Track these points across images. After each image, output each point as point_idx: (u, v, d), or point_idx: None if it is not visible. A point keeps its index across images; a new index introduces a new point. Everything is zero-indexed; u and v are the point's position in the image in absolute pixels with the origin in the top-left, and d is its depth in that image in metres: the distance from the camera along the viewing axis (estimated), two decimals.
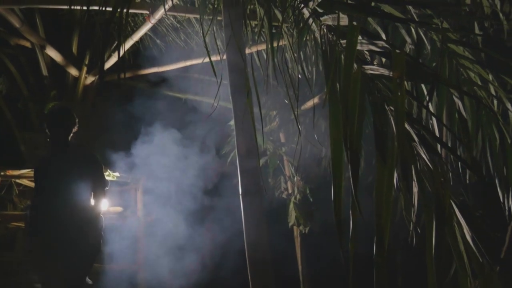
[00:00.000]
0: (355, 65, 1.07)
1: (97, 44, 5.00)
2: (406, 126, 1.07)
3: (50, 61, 5.09)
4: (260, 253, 2.59)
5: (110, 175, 4.68)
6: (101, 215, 3.24)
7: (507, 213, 2.22)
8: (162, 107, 5.15)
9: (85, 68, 5.06)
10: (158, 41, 5.19)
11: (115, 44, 4.97)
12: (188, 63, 4.93)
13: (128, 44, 4.39)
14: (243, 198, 2.64)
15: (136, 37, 4.28)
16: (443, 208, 0.99)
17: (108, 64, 4.67)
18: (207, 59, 3.30)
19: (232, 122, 3.01)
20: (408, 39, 2.15)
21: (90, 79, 5.07)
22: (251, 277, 2.57)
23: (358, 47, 1.29)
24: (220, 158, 5.52)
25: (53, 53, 4.79)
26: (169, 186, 5.23)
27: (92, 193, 3.20)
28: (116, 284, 4.90)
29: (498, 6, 3.43)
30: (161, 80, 5.57)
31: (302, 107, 5.13)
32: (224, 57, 3.14)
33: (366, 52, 1.50)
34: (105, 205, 3.84)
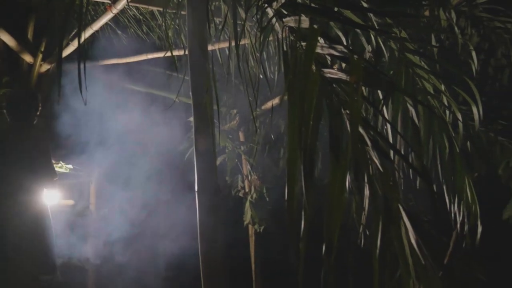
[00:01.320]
0: (314, 68, 1.09)
1: (54, 31, 4.84)
2: (361, 130, 1.09)
3: (3, 46, 4.88)
4: (213, 250, 2.59)
5: (62, 167, 4.54)
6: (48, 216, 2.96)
7: (452, 219, 2.32)
8: (121, 99, 5.05)
9: (40, 55, 4.88)
10: (119, 32, 5.08)
11: (73, 32, 4.82)
12: (150, 56, 4.85)
13: (87, 32, 4.27)
14: (199, 195, 2.63)
15: (96, 26, 4.17)
16: (391, 211, 1.02)
17: (65, 53, 4.52)
18: (169, 53, 3.27)
19: (191, 119, 2.98)
20: (367, 47, 2.21)
21: (46, 67, 4.89)
22: (204, 273, 2.56)
23: (319, 50, 1.31)
24: (178, 154, 5.46)
25: (6, 38, 4.59)
26: (123, 180, 5.14)
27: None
28: (67, 278, 4.78)
29: (455, 20, 3.57)
30: (121, 72, 5.46)
31: (263, 107, 5.16)
32: (187, 52, 3.11)
33: (327, 56, 1.52)
34: (55, 198, 3.67)
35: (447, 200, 2.34)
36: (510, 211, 4.19)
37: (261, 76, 2.92)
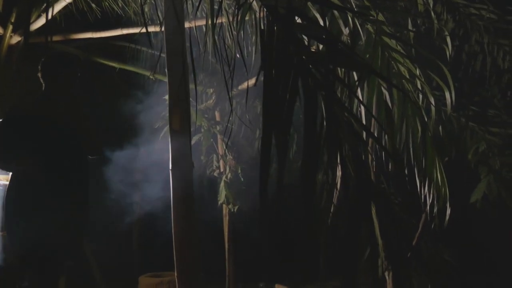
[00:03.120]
0: (290, 48, 1.08)
1: (24, 1, 4.67)
2: (335, 111, 1.10)
3: None
4: (187, 227, 2.59)
5: None
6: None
7: (422, 201, 2.37)
8: (93, 75, 4.93)
9: (10, 26, 4.71)
10: (93, 5, 4.93)
11: (45, 4, 4.66)
12: (125, 31, 4.73)
13: (59, 5, 4.13)
14: (173, 173, 2.62)
15: None
16: (362, 192, 1.04)
17: (36, 25, 4.38)
18: (145, 29, 3.19)
19: (167, 97, 2.95)
20: (345, 29, 2.21)
21: (16, 39, 4.73)
22: (177, 250, 2.57)
23: (296, 31, 1.30)
24: (153, 132, 5.40)
25: None
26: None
27: None
28: None
29: (431, 5, 3.60)
30: (95, 47, 5.32)
31: (240, 87, 5.12)
32: (163, 29, 3.05)
33: (304, 37, 1.52)
34: None
35: (418, 183, 2.39)
36: (478, 194, 4.31)
37: (238, 55, 2.89)
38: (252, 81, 4.37)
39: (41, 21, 4.41)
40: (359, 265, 1.21)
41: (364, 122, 2.09)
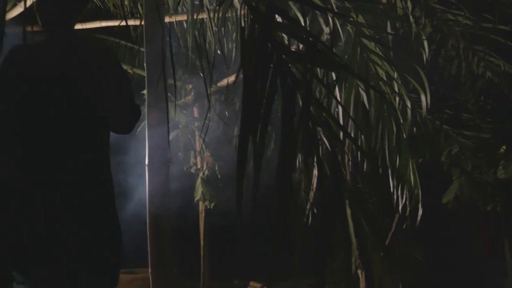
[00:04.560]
0: (270, 46, 1.09)
1: None
2: (312, 111, 1.11)
3: None
4: (162, 223, 2.58)
5: None
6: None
7: (395, 201, 2.42)
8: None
9: None
10: None
11: None
12: (104, 24, 4.66)
13: None
14: (149, 168, 2.60)
15: None
16: (338, 191, 1.05)
17: (11, 14, 4.27)
18: (125, 22, 3.16)
19: (144, 91, 2.92)
20: (325, 29, 2.23)
21: None
22: (151, 246, 2.56)
23: (276, 29, 1.31)
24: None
25: None
26: None
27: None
28: None
29: (410, 9, 3.65)
30: None
31: (219, 84, 5.11)
32: (143, 22, 3.02)
33: (284, 36, 1.53)
34: None
35: (392, 183, 2.43)
36: (449, 196, 4.41)
37: (218, 51, 2.89)
38: (231, 78, 4.37)
39: (17, 11, 4.31)
40: (334, 263, 1.23)
41: (341, 122, 2.12)
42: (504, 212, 4.64)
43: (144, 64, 2.84)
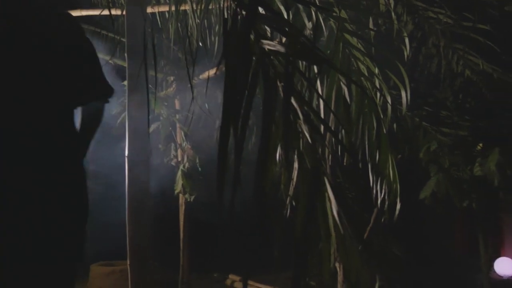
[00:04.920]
0: (252, 38, 1.08)
1: None
2: (294, 103, 1.11)
3: None
4: (141, 216, 2.56)
5: None
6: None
7: (374, 196, 2.44)
8: None
9: None
10: None
11: None
12: (84, 12, 4.58)
13: None
14: (129, 160, 2.58)
15: None
16: (317, 184, 1.06)
17: None
18: (105, 12, 3.10)
19: (125, 82, 2.89)
20: (308, 23, 2.23)
21: None
22: (130, 239, 2.54)
23: (259, 21, 1.30)
24: (110, 118, 5.28)
25: None
26: None
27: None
28: None
29: (392, 6, 3.68)
30: None
31: (201, 76, 5.08)
32: (125, 12, 2.98)
33: (267, 28, 1.52)
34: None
35: (371, 178, 2.46)
36: (427, 191, 4.48)
37: (200, 44, 2.87)
38: (213, 71, 4.35)
39: None
40: (312, 257, 1.24)
41: (322, 116, 2.13)
42: (479, 209, 4.74)
43: (125, 55, 2.80)
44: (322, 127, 1.42)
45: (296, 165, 1.22)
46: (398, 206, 2.51)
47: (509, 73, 4.20)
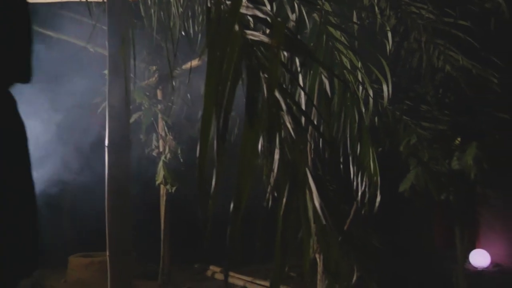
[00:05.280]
0: (236, 27, 1.07)
1: None
2: (277, 95, 1.11)
3: None
4: (120, 206, 2.54)
5: None
6: None
7: (354, 189, 2.46)
8: None
9: None
10: None
11: None
12: None
13: None
14: (109, 150, 2.54)
15: None
16: (298, 175, 1.06)
17: None
18: None
19: (106, 71, 2.84)
20: (291, 15, 2.22)
21: None
22: (109, 230, 2.51)
23: (243, 11, 1.30)
24: (90, 108, 5.20)
25: None
26: (30, 133, 4.82)
27: None
28: None
29: (376, 0, 3.70)
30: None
31: (184, 67, 5.04)
32: None
33: (250, 19, 1.51)
34: None
35: (352, 171, 2.48)
36: (406, 184, 4.55)
37: (183, 33, 2.84)
38: (196, 61, 4.31)
39: None
40: (292, 248, 1.25)
41: (304, 109, 2.13)
42: (456, 202, 4.83)
43: (106, 43, 2.76)
44: (303, 120, 1.42)
45: (277, 156, 1.23)
46: (378, 198, 2.54)
47: (488, 69, 4.27)
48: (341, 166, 2.50)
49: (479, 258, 6.79)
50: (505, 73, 4.34)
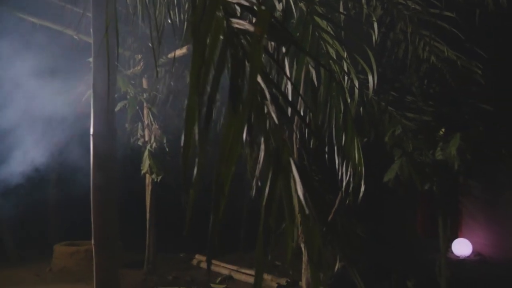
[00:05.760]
0: (221, 14, 1.07)
1: None
2: (262, 84, 1.11)
3: None
4: (105, 195, 2.53)
5: None
6: None
7: (339, 179, 2.48)
8: (10, 29, 4.56)
9: None
10: None
11: None
12: None
13: None
14: (94, 138, 2.52)
15: None
16: (282, 164, 1.06)
17: None
18: None
19: (91, 59, 2.81)
20: (278, 5, 2.21)
21: None
22: (94, 218, 2.50)
23: (228, 0, 1.29)
24: (74, 96, 5.14)
25: None
26: (12, 122, 4.76)
27: None
28: None
29: None
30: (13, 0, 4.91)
31: (169, 55, 4.99)
32: None
33: (236, 7, 1.50)
34: None
35: (337, 161, 2.49)
36: (391, 174, 4.59)
37: (169, 21, 2.81)
38: (182, 50, 4.28)
39: None
40: (277, 237, 1.26)
41: (290, 99, 2.13)
42: (439, 192, 4.90)
43: (91, 30, 2.72)
44: (289, 110, 1.42)
45: (262, 146, 1.23)
46: (363, 188, 2.56)
47: (473, 61, 4.31)
48: (326, 156, 2.52)
49: (461, 247, 6.93)
50: (489, 65, 4.39)
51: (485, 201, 7.02)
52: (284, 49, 1.66)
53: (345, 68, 2.61)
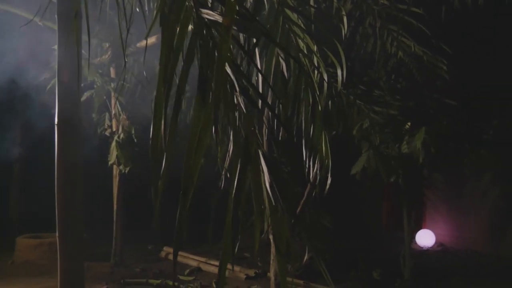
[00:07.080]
0: (191, 4, 1.05)
1: None
2: (231, 75, 1.10)
3: None
4: (70, 186, 2.47)
5: None
6: None
7: (306, 171, 2.50)
8: None
9: None
10: None
11: None
12: None
13: None
14: (59, 128, 2.46)
15: None
16: (250, 155, 1.07)
17: None
18: None
19: (56, 46, 2.72)
20: None
21: None
22: (59, 210, 2.45)
23: None
24: (39, 84, 4.99)
25: None
26: None
27: None
28: None
29: None
30: None
31: (139, 44, 4.91)
32: None
33: None
34: None
35: (304, 154, 2.51)
36: (358, 167, 4.67)
37: (137, 9, 2.76)
38: (152, 40, 4.21)
39: None
40: (246, 228, 1.26)
41: (260, 90, 2.13)
42: (404, 184, 5.02)
43: (56, 16, 2.63)
44: (259, 101, 1.42)
45: (231, 137, 1.23)
46: (329, 180, 2.59)
47: (438, 56, 4.41)
48: (295, 148, 2.54)
49: (425, 238, 7.14)
50: (453, 61, 4.50)
51: (448, 193, 7.25)
52: (254, 40, 1.66)
53: (315, 61, 2.63)
